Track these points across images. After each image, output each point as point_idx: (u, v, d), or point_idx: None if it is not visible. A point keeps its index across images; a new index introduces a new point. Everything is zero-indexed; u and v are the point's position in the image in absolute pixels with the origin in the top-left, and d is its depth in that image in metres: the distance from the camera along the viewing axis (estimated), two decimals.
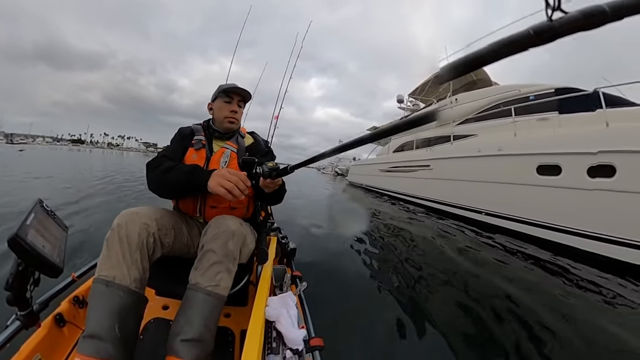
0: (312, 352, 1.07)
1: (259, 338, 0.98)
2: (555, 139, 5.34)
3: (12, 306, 0.91)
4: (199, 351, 0.92)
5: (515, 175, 5.74)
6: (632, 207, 4.08)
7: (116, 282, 0.95)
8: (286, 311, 1.16)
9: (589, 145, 4.61)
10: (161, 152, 1.41)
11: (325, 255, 3.25)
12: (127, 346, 0.90)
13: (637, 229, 4.02)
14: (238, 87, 1.47)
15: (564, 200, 4.93)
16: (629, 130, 4.26)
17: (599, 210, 4.43)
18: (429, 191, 8.64)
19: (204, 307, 0.99)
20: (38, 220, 0.92)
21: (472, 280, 3.18)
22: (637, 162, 4.08)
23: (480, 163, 6.72)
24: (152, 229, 1.09)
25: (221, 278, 1.05)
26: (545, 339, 2.21)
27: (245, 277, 1.32)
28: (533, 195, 5.40)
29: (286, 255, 1.93)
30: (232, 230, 1.12)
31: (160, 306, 1.44)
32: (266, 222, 1.87)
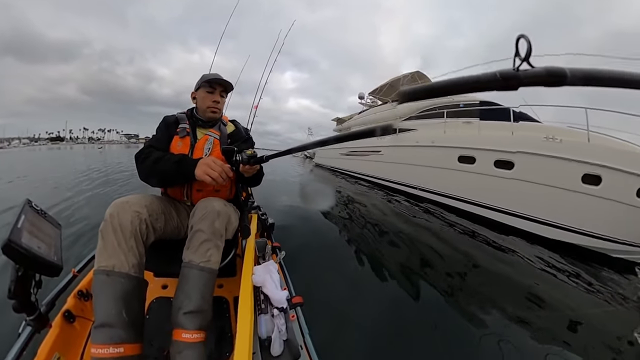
0: (294, 308, 1.13)
1: (249, 302, 1.00)
2: (473, 138, 6.38)
3: (19, 313, 0.82)
4: (201, 320, 0.92)
5: (442, 162, 6.78)
6: (521, 189, 5.36)
7: (116, 270, 0.90)
8: (270, 277, 1.18)
9: (497, 145, 5.77)
10: (148, 142, 1.31)
11: (299, 227, 3.31)
12: (136, 328, 0.88)
13: (522, 204, 5.36)
14: (221, 78, 1.37)
15: (476, 182, 6.08)
16: (525, 139, 5.45)
17: (499, 190, 5.68)
18: (379, 171, 9.61)
19: (199, 281, 0.98)
20: (29, 221, 0.82)
21: (405, 234, 3.89)
22: (528, 160, 5.31)
23: (417, 151, 7.73)
24: (143, 215, 1.04)
25: (211, 254, 1.03)
26: (451, 271, 2.87)
27: (232, 251, 1.32)
28: (454, 177, 6.46)
29: (266, 230, 1.93)
30: (218, 210, 1.10)
31: (160, 286, 1.41)
32: (247, 201, 1.85)
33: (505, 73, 0.39)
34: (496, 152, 5.70)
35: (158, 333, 1.11)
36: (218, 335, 1.21)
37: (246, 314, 0.94)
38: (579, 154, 4.85)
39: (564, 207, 4.99)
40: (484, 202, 5.87)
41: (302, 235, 3.01)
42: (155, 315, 1.24)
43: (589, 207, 4.80)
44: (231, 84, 1.41)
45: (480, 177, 5.99)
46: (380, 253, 3.11)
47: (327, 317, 1.66)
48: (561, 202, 5.02)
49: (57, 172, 7.18)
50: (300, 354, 0.96)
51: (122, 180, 5.97)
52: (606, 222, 4.83)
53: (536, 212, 5.23)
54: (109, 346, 0.79)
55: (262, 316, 1.04)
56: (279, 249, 1.63)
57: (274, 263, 1.30)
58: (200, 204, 1.15)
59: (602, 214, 4.79)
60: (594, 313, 2.67)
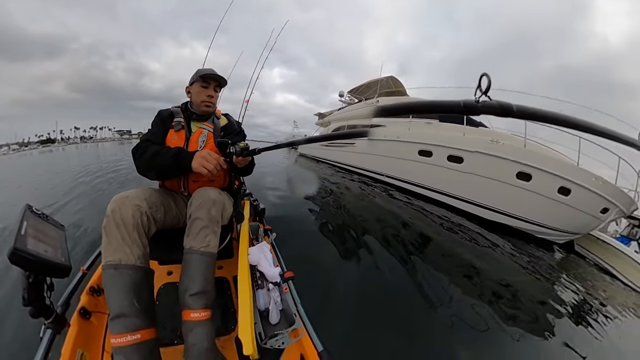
0: (286, 281, 1.15)
1: (247, 279, 1.01)
2: (432, 136, 6.94)
3: (37, 318, 0.77)
4: (206, 300, 0.92)
5: (405, 154, 7.34)
6: (468, 180, 5.99)
7: (123, 263, 0.87)
8: (263, 256, 1.18)
9: (451, 143, 6.33)
10: (144, 137, 1.24)
11: (287, 211, 3.35)
12: (149, 314, 0.86)
13: (468, 192, 6.05)
14: (215, 73, 1.29)
15: (432, 173, 6.68)
16: (474, 140, 6.07)
17: (450, 180, 6.29)
18: (354, 161, 10.18)
19: (201, 265, 0.97)
20: (32, 226, 0.75)
21: (372, 212, 4.35)
22: (475, 157, 5.90)
23: (385, 144, 8.26)
24: (143, 208, 1.00)
25: (210, 239, 1.01)
26: (404, 241, 3.16)
27: (228, 235, 1.31)
28: (414, 167, 7.07)
29: (258, 214, 1.91)
30: (213, 199, 1.08)
31: (166, 273, 1.39)
32: (240, 189, 1.81)
33: (467, 103, 0.44)
34: (450, 148, 6.27)
35: (169, 316, 1.11)
36: (222, 311, 1.23)
37: (245, 290, 0.95)
38: (516, 155, 5.46)
39: (502, 196, 5.68)
40: (438, 188, 6.54)
41: (290, 218, 3.06)
42: (164, 300, 1.23)
43: (521, 197, 5.48)
44: (225, 79, 1.33)
45: (435, 168, 6.58)
46: (355, 229, 3.28)
47: (315, 287, 1.72)
48: (499, 192, 5.68)
49: (54, 179, 5.79)
50: (294, 320, 0.99)
51: (122, 177, 5.56)
52: (533, 210, 5.57)
53: (479, 199, 5.94)
54: (126, 335, 0.78)
55: (259, 291, 1.06)
56: (270, 231, 1.64)
57: (266, 244, 1.30)
58: (196, 193, 1.11)
59: (531, 203, 5.48)
60: (518, 277, 3.13)
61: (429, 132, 7.32)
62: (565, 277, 3.99)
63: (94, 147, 20.01)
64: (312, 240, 2.62)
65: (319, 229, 3.00)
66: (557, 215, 5.46)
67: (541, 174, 5.28)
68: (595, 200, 5.27)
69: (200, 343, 0.83)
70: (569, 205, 5.31)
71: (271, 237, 1.57)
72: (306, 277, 1.62)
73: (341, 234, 2.99)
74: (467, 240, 4.00)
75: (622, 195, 5.41)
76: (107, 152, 12.05)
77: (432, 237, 3.72)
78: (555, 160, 5.44)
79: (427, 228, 4.15)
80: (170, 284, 1.31)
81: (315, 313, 1.12)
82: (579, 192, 5.21)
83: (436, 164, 6.53)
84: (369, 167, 9.02)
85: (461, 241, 3.89)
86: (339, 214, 3.89)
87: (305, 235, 2.67)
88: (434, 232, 4.04)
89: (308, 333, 1.00)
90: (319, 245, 2.53)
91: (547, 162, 5.33)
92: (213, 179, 1.28)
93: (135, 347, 0.77)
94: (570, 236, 6.10)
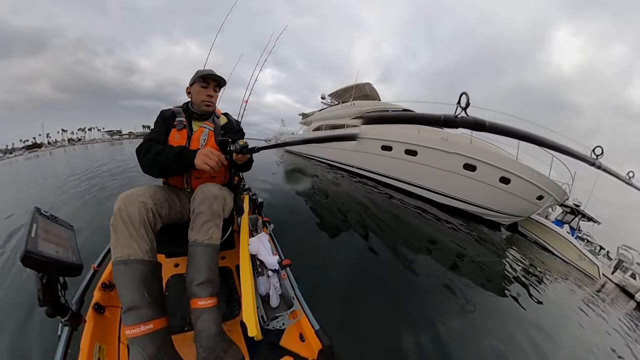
0: (284, 268, 1.15)
1: (248, 268, 1.01)
2: (393, 133, 7.59)
3: (53, 317, 0.75)
4: (211, 288, 0.91)
5: (371, 149, 8.02)
6: (422, 170, 6.70)
7: (132, 258, 0.85)
8: (262, 246, 1.18)
9: (407, 139, 7.01)
10: (147, 136, 1.19)
11: (283, 204, 3.31)
12: (159, 304, 0.84)
13: (422, 180, 6.74)
14: (214, 73, 1.24)
15: (392, 164, 7.42)
16: (427, 137, 6.66)
17: (407, 170, 7.02)
18: (330, 156, 10.83)
19: (205, 256, 0.95)
20: (42, 228, 0.71)
21: (345, 197, 4.61)
22: (429, 152, 6.57)
23: (357, 142, 8.91)
24: (149, 205, 0.97)
25: (212, 232, 0.99)
26: (379, 224, 3.43)
27: (229, 228, 1.29)
28: (378, 160, 7.79)
29: (257, 207, 1.90)
30: (215, 194, 1.05)
31: (172, 265, 1.36)
32: (239, 184, 1.79)
33: (447, 117, 0.48)
34: (406, 144, 6.98)
35: (178, 305, 1.10)
36: (227, 298, 1.22)
37: (247, 278, 0.95)
38: (463, 150, 6.05)
39: (451, 183, 6.30)
40: (398, 177, 7.29)
41: (285, 210, 3.04)
42: (173, 290, 1.21)
43: (468, 185, 6.13)
44: (224, 79, 1.27)
45: (395, 160, 7.30)
46: (339, 215, 3.42)
47: (310, 273, 1.74)
48: (449, 180, 6.31)
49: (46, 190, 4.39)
50: (293, 303, 1.00)
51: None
52: (479, 196, 6.19)
53: (432, 186, 6.60)
54: (139, 325, 0.77)
55: (260, 278, 1.06)
56: (268, 222, 1.63)
57: (265, 234, 1.29)
58: (199, 189, 1.08)
59: (477, 190, 6.12)
60: (470, 250, 3.50)
61: (390, 130, 7.96)
62: (512, 251, 4.64)
63: (82, 150, 17.84)
64: (306, 230, 2.63)
65: (312, 218, 3.02)
66: (499, 200, 6.09)
67: (484, 165, 5.87)
68: (532, 188, 5.90)
69: (208, 328, 0.83)
70: (510, 192, 5.94)
71: (269, 228, 1.57)
72: (302, 263, 1.64)
73: (330, 220, 3.06)
74: (427, 220, 4.43)
75: (554, 186, 6.06)
76: (98, 155, 10.24)
77: (396, 213, 4.16)
78: (497, 154, 5.97)
79: (393, 209, 4.56)
80: (177, 275, 1.29)
81: (311, 295, 1.13)
82: (517, 182, 5.81)
83: (395, 157, 7.26)
84: (342, 160, 9.72)
85: (424, 221, 4.29)
86: (319, 196, 4.03)
87: (300, 226, 2.67)
88: (402, 214, 4.39)
89: (305, 314, 1.01)
90: (312, 234, 2.55)
91: (489, 156, 5.90)
92: (215, 175, 1.25)
93: (149, 337, 0.76)
94: (514, 218, 6.83)
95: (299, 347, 0.98)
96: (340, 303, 1.62)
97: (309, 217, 3.04)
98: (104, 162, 7.39)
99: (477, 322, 1.87)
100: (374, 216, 3.71)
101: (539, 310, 2.49)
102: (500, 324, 1.96)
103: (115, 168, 5.95)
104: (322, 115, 13.93)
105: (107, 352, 0.87)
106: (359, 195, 5.05)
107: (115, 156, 9.42)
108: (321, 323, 0.98)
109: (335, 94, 15.06)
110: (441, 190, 6.46)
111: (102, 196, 3.21)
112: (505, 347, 1.67)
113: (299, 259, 1.36)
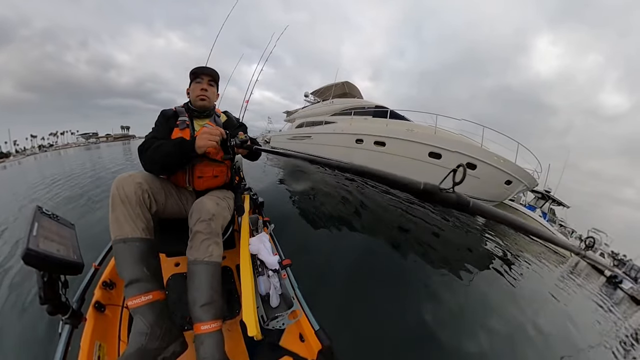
0: (285, 268, 1.15)
1: (249, 267, 1.00)
2: (365, 127, 8.41)
3: (54, 315, 0.75)
4: (215, 310, 0.87)
5: (347, 143, 8.80)
6: (390, 159, 7.32)
7: (130, 236, 0.88)
8: (263, 245, 1.16)
9: (376, 132, 7.75)
10: (149, 135, 1.16)
11: (283, 204, 3.28)
12: (157, 278, 0.89)
13: (391, 168, 6.98)
14: (206, 67, 1.23)
15: (364, 155, 8.05)
16: (394, 129, 7.42)
17: (377, 159, 7.58)
18: (311, 150, 11.29)
19: (206, 274, 0.91)
20: (43, 227, 0.71)
21: (326, 186, 4.92)
22: (395, 143, 7.22)
23: (333, 136, 9.81)
24: (144, 186, 0.97)
25: (212, 249, 0.95)
26: (358, 206, 3.81)
27: (230, 228, 1.28)
28: (353, 152, 8.54)
29: (257, 207, 1.89)
30: (212, 213, 1.00)
31: (173, 264, 1.36)
32: (240, 184, 1.78)
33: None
34: (375, 136, 7.65)
35: (178, 304, 1.11)
36: (228, 297, 1.22)
37: (247, 278, 0.94)
38: (427, 140, 6.66)
39: (417, 171, 6.73)
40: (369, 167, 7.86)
41: (285, 210, 3.03)
42: (173, 289, 1.21)
43: (434, 171, 6.53)
44: (216, 72, 1.25)
45: (367, 152, 7.96)
46: (334, 212, 3.43)
47: (310, 273, 1.73)
48: (415, 168, 6.81)
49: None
50: (293, 303, 0.99)
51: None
52: (447, 181, 6.51)
53: (401, 174, 6.86)
54: (140, 296, 0.81)
55: (260, 277, 1.05)
56: (268, 222, 1.62)
57: (265, 234, 1.28)
58: (195, 205, 1.02)
59: (443, 176, 6.45)
60: (448, 232, 3.80)
61: (363, 125, 8.79)
62: (488, 233, 5.04)
63: (55, 156, 15.35)
64: (306, 229, 2.61)
65: (311, 218, 3.01)
66: (469, 186, 6.42)
67: (449, 153, 6.34)
68: (499, 174, 6.36)
69: (211, 355, 0.79)
70: (477, 177, 6.34)
71: (270, 228, 1.56)
72: (302, 264, 1.64)
73: (326, 221, 3.02)
74: (397, 201, 4.80)
75: (522, 172, 6.51)
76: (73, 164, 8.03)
77: (370, 198, 4.45)
78: (461, 142, 6.48)
79: (373, 195, 4.80)
80: (178, 275, 1.29)
81: (311, 295, 1.12)
82: (483, 167, 6.23)
83: (367, 148, 7.95)
84: (320, 154, 10.15)
85: (391, 203, 4.60)
86: (323, 202, 3.94)
87: (300, 225, 2.66)
88: (371, 195, 4.73)
89: (305, 314, 1.00)
90: (312, 234, 2.54)
91: (453, 144, 6.38)
92: (217, 174, 1.24)
93: (149, 306, 0.82)
94: (486, 203, 7.40)
95: (298, 347, 0.97)
96: (341, 303, 1.61)
97: (309, 217, 3.03)
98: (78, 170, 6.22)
99: (476, 314, 1.94)
100: (372, 213, 3.77)
101: (523, 283, 2.77)
102: (490, 301, 2.16)
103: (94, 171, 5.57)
104: (304, 112, 14.38)
105: (107, 350, 0.87)
106: (354, 191, 5.09)
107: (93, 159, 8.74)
108: (321, 323, 0.96)
109: (317, 92, 15.58)
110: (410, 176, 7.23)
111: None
112: (501, 324, 1.82)
113: (299, 259, 1.35)
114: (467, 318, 1.81)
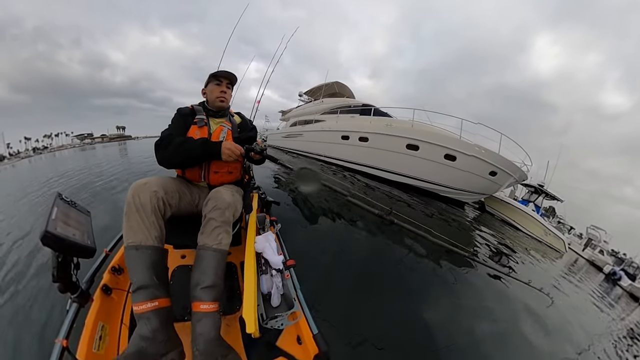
0: (288, 269, 1.14)
1: (253, 265, 1.01)
2: (350, 124, 8.71)
3: (64, 293, 0.80)
4: (215, 293, 0.91)
5: (334, 139, 9.07)
6: (373, 153, 7.62)
7: (143, 244, 0.89)
8: (268, 244, 1.17)
9: (360, 128, 8.01)
10: (166, 131, 1.21)
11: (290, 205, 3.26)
12: (164, 286, 0.90)
13: (374, 161, 7.68)
14: (226, 71, 1.31)
15: (350, 151, 8.39)
16: (375, 125, 7.65)
17: (362, 154, 7.96)
18: (303, 147, 11.80)
19: (213, 261, 0.95)
20: (62, 212, 0.77)
21: (335, 186, 4.76)
22: (377, 137, 7.45)
23: (323, 133, 9.98)
24: (160, 194, 0.99)
25: (222, 238, 0.99)
26: (350, 197, 3.54)
27: (237, 225, 1.30)
28: (340, 148, 8.84)
29: (265, 206, 1.90)
30: (228, 202, 1.05)
31: (179, 256, 1.38)
32: (249, 183, 1.80)
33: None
34: (359, 132, 7.94)
35: (181, 295, 1.11)
36: (229, 293, 1.22)
37: (250, 275, 0.95)
38: (405, 133, 6.81)
39: (398, 163, 7.10)
40: (355, 161, 8.29)
41: (293, 211, 3.01)
42: (178, 280, 1.24)
43: (414, 163, 6.80)
44: (235, 76, 1.33)
45: (352, 147, 8.27)
46: (343, 214, 3.26)
47: (313, 275, 1.72)
48: (395, 160, 7.11)
49: None
50: (294, 304, 0.99)
51: None
52: (426, 173, 6.69)
53: (382, 166, 7.44)
54: (147, 302, 0.82)
55: (263, 276, 1.05)
56: (275, 222, 1.63)
57: (271, 233, 1.29)
58: (212, 194, 1.08)
59: (423, 167, 6.69)
60: (434, 222, 3.81)
61: (349, 122, 9.11)
62: (483, 228, 5.03)
63: (50, 158, 14.05)
64: (313, 231, 2.58)
65: (318, 221, 2.98)
66: (449, 177, 6.54)
67: (427, 144, 6.44)
68: (480, 164, 6.26)
69: (207, 332, 0.82)
70: (458, 169, 6.31)
71: (276, 227, 1.56)
72: (306, 266, 1.63)
73: (332, 223, 2.97)
74: (384, 192, 4.80)
75: (507, 162, 6.44)
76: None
77: (358, 191, 4.25)
78: (438, 134, 6.54)
79: (360, 188, 4.78)
80: (183, 266, 1.30)
81: (313, 298, 1.11)
82: (463, 158, 6.17)
83: (352, 144, 8.27)
84: (311, 150, 10.89)
85: (376, 195, 4.55)
86: (333, 204, 3.77)
87: (307, 227, 2.64)
88: (357, 186, 4.73)
89: (305, 316, 0.99)
90: (318, 236, 2.50)
91: (430, 136, 6.44)
92: (232, 170, 1.30)
93: (154, 312, 0.82)
94: (475, 196, 7.40)
95: (294, 349, 0.96)
96: (342, 309, 1.58)
97: (317, 219, 3.00)
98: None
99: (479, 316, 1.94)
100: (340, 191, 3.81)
101: (523, 280, 2.74)
102: (490, 300, 2.15)
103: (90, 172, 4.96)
104: (297, 112, 14.76)
105: (109, 330, 0.90)
106: (357, 191, 5.12)
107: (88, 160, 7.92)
108: (320, 327, 0.95)
109: (309, 92, 15.92)
110: (389, 168, 7.26)
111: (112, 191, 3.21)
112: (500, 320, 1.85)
113: (303, 260, 1.34)
114: (473, 329, 1.76)
